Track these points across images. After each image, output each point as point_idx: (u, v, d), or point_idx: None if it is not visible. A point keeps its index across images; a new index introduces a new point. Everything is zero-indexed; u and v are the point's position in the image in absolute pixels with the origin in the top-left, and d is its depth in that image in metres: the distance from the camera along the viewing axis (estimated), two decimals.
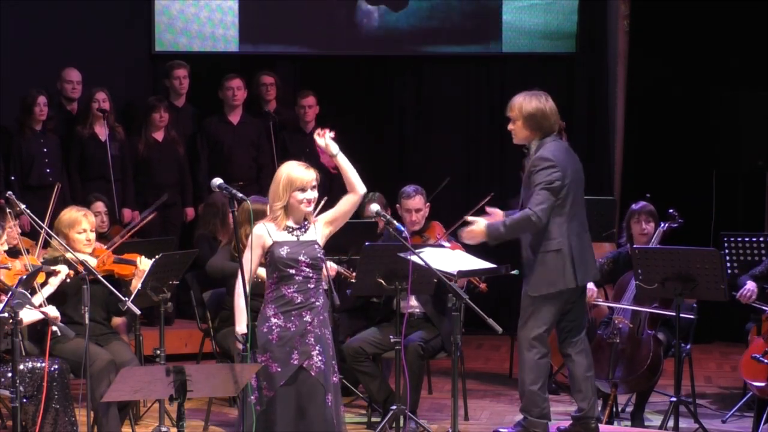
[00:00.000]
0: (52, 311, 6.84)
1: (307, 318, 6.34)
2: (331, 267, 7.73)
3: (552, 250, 7.17)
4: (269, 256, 6.34)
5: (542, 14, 11.62)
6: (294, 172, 6.36)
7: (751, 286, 7.85)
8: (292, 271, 6.33)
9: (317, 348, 6.34)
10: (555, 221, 7.16)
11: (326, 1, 11.68)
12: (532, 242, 7.23)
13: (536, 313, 7.26)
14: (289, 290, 6.33)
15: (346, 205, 6.47)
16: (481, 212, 7.52)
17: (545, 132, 7.23)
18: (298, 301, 6.33)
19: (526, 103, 7.22)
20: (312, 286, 6.38)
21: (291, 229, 6.37)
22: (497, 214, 7.32)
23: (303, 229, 6.40)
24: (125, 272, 7.39)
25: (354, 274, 7.99)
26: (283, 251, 6.32)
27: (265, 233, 6.35)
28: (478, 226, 7.21)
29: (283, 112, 10.95)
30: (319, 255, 6.40)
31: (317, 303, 6.39)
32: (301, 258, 6.33)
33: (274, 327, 6.31)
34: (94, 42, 11.04)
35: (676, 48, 11.20)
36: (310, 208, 6.40)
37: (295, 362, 6.31)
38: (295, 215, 6.39)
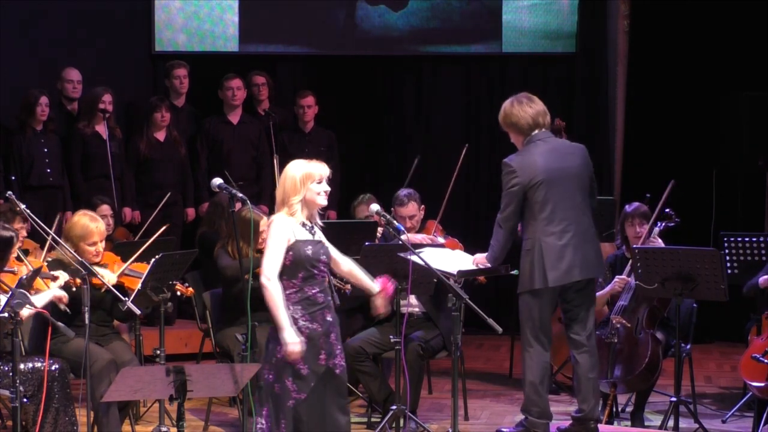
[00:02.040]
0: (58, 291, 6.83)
1: (329, 318, 6.36)
2: None
3: (526, 249, 7.29)
4: (293, 254, 6.26)
5: (542, 14, 11.63)
6: (311, 165, 6.35)
7: None
8: (316, 271, 6.32)
9: (339, 347, 6.38)
10: (527, 222, 7.28)
11: (326, 1, 11.68)
12: (520, 242, 7.38)
13: (525, 311, 7.33)
14: (313, 290, 6.31)
15: (347, 266, 6.55)
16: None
17: (525, 133, 7.32)
18: (321, 300, 6.33)
19: (501, 115, 7.39)
20: (326, 285, 6.40)
21: (307, 227, 6.35)
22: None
23: (313, 229, 6.39)
24: (134, 286, 7.29)
25: (348, 285, 7.90)
26: (309, 250, 6.29)
27: (290, 227, 6.28)
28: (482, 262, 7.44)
29: (277, 112, 10.95)
30: (329, 255, 6.43)
31: (332, 302, 6.42)
32: (323, 257, 6.34)
33: (303, 329, 6.27)
34: (94, 42, 11.05)
35: (676, 48, 11.20)
36: (326, 201, 6.39)
37: (323, 362, 6.31)
38: (309, 211, 6.35)
